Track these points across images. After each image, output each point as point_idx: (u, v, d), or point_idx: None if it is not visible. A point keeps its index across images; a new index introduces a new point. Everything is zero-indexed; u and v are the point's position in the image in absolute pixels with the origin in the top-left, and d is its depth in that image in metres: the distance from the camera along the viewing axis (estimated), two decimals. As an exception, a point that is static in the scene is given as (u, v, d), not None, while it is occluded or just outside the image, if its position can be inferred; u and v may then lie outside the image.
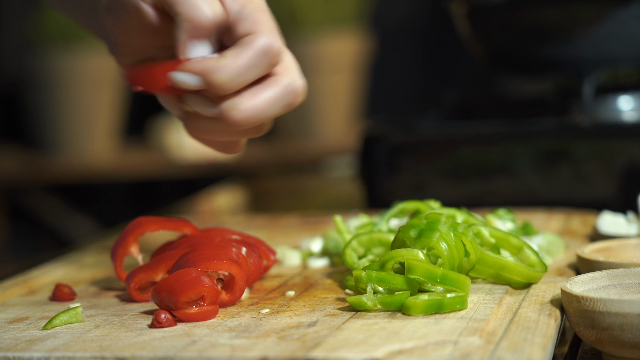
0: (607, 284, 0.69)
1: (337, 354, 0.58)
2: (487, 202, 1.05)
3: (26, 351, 0.63)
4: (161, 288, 0.70)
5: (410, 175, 1.11)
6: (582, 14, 1.10)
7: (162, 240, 0.89)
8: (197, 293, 0.69)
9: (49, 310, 0.74)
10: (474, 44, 1.20)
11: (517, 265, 0.73)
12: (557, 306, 0.68)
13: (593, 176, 1.05)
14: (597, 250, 0.78)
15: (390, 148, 1.12)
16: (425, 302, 0.67)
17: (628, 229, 0.87)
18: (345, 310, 0.69)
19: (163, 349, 0.62)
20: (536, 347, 0.59)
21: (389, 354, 0.58)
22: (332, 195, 1.64)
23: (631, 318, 0.61)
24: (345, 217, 0.95)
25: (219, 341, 0.63)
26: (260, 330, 0.65)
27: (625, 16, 1.10)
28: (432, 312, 0.67)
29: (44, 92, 2.66)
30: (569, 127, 1.08)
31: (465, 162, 1.10)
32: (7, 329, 0.69)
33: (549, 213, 1.01)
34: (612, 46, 1.11)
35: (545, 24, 1.12)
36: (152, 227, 0.78)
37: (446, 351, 0.58)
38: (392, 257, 0.71)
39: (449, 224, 0.73)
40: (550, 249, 0.83)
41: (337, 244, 0.86)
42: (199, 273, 0.70)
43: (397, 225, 0.84)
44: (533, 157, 1.07)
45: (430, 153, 1.11)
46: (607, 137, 1.05)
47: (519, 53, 1.16)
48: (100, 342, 0.64)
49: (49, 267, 0.89)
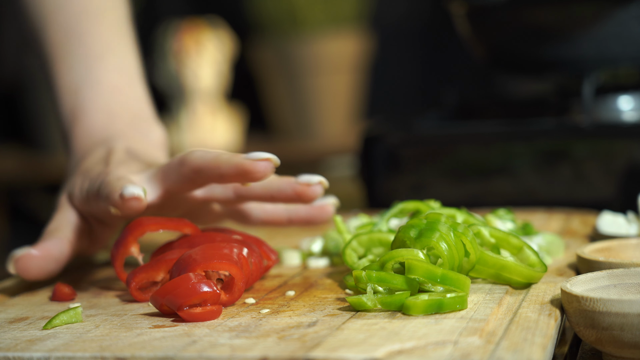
0: (607, 284, 0.69)
1: (337, 354, 0.58)
2: (487, 202, 1.05)
3: (26, 351, 0.63)
4: (161, 294, 0.70)
5: (410, 175, 1.11)
6: (582, 14, 1.10)
7: (162, 240, 0.89)
8: (198, 299, 0.69)
9: (49, 310, 0.74)
10: (474, 44, 1.20)
11: (517, 265, 0.73)
12: (557, 306, 0.68)
13: (593, 176, 1.05)
14: (597, 250, 0.78)
15: (390, 148, 1.12)
16: (425, 302, 0.67)
17: (628, 229, 0.87)
18: (345, 310, 0.69)
19: (163, 349, 0.62)
20: (536, 347, 0.59)
21: (389, 354, 0.58)
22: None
23: (631, 318, 0.61)
24: (345, 217, 0.95)
25: (219, 341, 0.63)
26: (260, 330, 0.65)
27: (625, 16, 1.10)
28: (432, 312, 0.67)
29: (44, 92, 2.65)
30: (569, 127, 1.08)
31: (465, 162, 1.10)
32: (7, 329, 0.69)
33: (549, 213, 1.01)
34: (612, 46, 1.11)
35: (545, 24, 1.12)
36: (152, 227, 0.78)
37: (446, 351, 0.58)
38: (392, 257, 0.71)
39: (449, 224, 0.73)
40: (550, 249, 0.83)
41: (337, 244, 0.86)
42: (199, 279, 0.70)
43: (397, 225, 0.84)
44: (533, 157, 1.07)
45: (430, 153, 1.11)
46: (607, 137, 1.05)
47: (519, 53, 1.16)
48: (100, 342, 0.64)
49: (49, 267, 0.89)
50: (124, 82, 0.93)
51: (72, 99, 0.92)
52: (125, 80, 0.94)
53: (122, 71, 0.94)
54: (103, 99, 0.92)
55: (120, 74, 0.94)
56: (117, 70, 0.93)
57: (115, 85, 0.93)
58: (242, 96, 2.82)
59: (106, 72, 0.93)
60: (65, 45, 0.93)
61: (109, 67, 0.93)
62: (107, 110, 0.91)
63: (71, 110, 0.92)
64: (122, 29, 0.96)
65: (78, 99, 0.92)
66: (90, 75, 0.92)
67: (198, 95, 2.59)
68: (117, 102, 0.92)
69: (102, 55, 0.93)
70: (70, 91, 0.92)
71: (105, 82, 0.92)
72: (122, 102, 0.92)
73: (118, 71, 0.93)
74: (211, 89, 2.63)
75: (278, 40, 2.68)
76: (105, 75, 0.93)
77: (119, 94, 0.93)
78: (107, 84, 0.92)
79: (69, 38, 0.93)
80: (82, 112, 0.91)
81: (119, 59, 0.94)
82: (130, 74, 0.94)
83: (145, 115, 0.93)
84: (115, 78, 0.93)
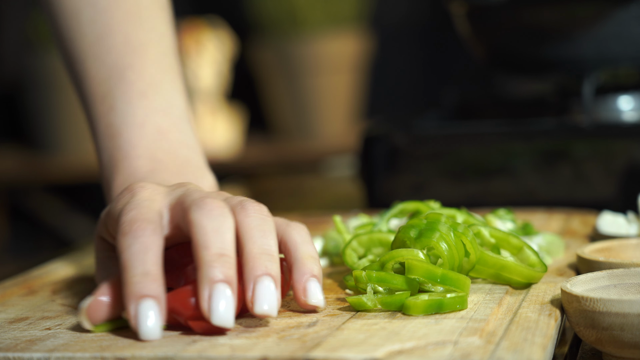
0: (607, 284, 0.69)
1: (337, 354, 0.58)
2: (487, 202, 1.05)
3: (26, 351, 0.63)
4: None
5: (410, 175, 1.11)
6: (582, 14, 1.10)
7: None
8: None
9: (49, 310, 0.74)
10: (474, 44, 1.20)
11: (517, 265, 0.73)
12: (557, 306, 0.68)
13: (593, 176, 1.05)
14: (597, 250, 0.78)
15: (390, 148, 1.12)
16: (425, 302, 0.67)
17: (628, 229, 0.87)
18: (345, 310, 0.69)
19: (163, 349, 0.62)
20: (536, 347, 0.59)
21: (389, 354, 0.58)
22: (332, 195, 1.64)
23: (631, 318, 0.61)
24: (345, 217, 0.95)
25: (219, 341, 0.63)
26: (260, 330, 0.65)
27: (625, 16, 1.10)
28: (433, 312, 0.67)
29: (44, 92, 2.66)
30: (569, 127, 1.08)
31: (465, 162, 1.10)
32: (7, 329, 0.69)
33: (549, 213, 1.01)
34: (612, 46, 1.11)
35: (545, 24, 1.12)
36: None
37: (446, 351, 0.58)
38: (392, 257, 0.71)
39: (449, 224, 0.73)
40: (550, 249, 0.83)
41: (337, 244, 0.86)
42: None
43: (397, 225, 0.84)
44: (533, 157, 1.07)
45: (430, 153, 1.11)
46: (607, 137, 1.05)
47: (519, 53, 1.16)
48: (100, 342, 0.64)
49: (49, 267, 0.89)
50: (169, 125, 0.83)
51: (112, 143, 0.82)
52: (171, 122, 0.83)
53: (168, 112, 0.84)
54: (146, 143, 0.82)
55: (165, 116, 0.83)
56: (162, 111, 0.83)
57: (159, 128, 0.83)
58: (242, 96, 2.82)
59: (150, 113, 0.83)
60: (105, 81, 0.84)
61: (153, 107, 0.83)
62: (150, 157, 0.81)
63: (111, 156, 0.82)
64: (168, 63, 0.86)
65: (119, 142, 0.82)
66: (133, 117, 0.82)
67: (198, 95, 2.59)
68: (161, 148, 0.82)
69: (145, 94, 0.83)
70: (111, 134, 0.83)
71: (149, 124, 0.82)
72: (167, 148, 0.82)
73: (163, 112, 0.83)
74: (211, 89, 2.63)
75: (278, 40, 2.68)
76: (149, 116, 0.83)
77: (163, 139, 0.82)
78: (151, 126, 0.82)
79: (109, 74, 0.84)
80: (123, 159, 0.81)
81: (164, 98, 0.84)
82: (176, 116, 0.84)
83: (194, 163, 0.83)
84: (159, 120, 0.83)
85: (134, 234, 0.66)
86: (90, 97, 0.85)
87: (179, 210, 0.68)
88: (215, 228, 0.65)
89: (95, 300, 0.67)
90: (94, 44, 0.84)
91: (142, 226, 0.66)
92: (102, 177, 0.83)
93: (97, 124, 0.84)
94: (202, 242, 0.65)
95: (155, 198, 0.69)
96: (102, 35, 0.85)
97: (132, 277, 0.64)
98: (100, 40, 0.84)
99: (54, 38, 0.88)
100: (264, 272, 0.65)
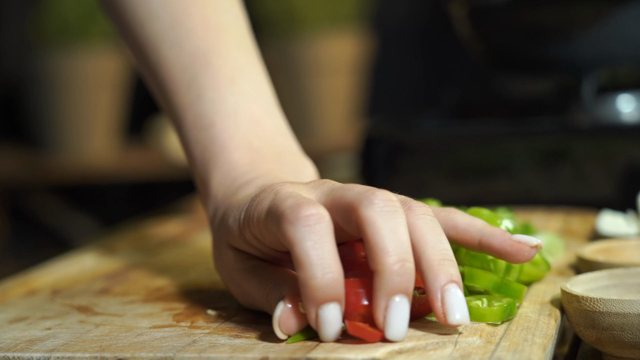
0: (607, 284, 0.69)
1: (337, 354, 0.58)
2: (487, 202, 1.05)
3: (26, 351, 0.63)
4: None
5: (410, 175, 1.11)
6: (582, 14, 1.10)
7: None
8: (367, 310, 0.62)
9: (49, 310, 0.74)
10: (474, 44, 1.20)
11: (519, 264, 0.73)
12: (557, 306, 0.68)
13: (593, 176, 1.05)
14: (597, 250, 0.78)
15: (390, 148, 1.12)
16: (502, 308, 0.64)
17: (628, 229, 0.87)
18: (345, 310, 0.69)
19: (163, 349, 0.62)
20: (536, 347, 0.59)
21: (389, 354, 0.58)
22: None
23: (631, 318, 0.61)
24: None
25: (219, 341, 0.63)
26: (261, 330, 0.65)
27: (625, 16, 1.10)
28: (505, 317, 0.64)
29: (44, 92, 2.66)
30: (569, 127, 1.08)
31: (465, 162, 1.10)
32: (7, 329, 0.69)
33: (549, 213, 1.01)
34: (612, 46, 1.11)
35: (545, 24, 1.12)
36: None
37: (446, 351, 0.58)
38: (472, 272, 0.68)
39: None
40: (550, 248, 0.83)
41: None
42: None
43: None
44: (533, 157, 1.07)
45: (430, 153, 1.11)
46: (607, 137, 1.05)
47: (519, 53, 1.16)
48: (100, 342, 0.64)
49: (49, 267, 0.89)
50: (262, 112, 0.77)
51: (205, 134, 0.76)
52: (263, 109, 0.77)
53: (257, 99, 0.78)
54: (242, 133, 0.75)
55: (255, 102, 0.77)
56: (253, 98, 0.77)
57: (252, 116, 0.76)
58: (242, 96, 2.82)
59: (241, 100, 0.77)
60: (188, 68, 0.77)
61: (243, 94, 0.77)
62: (248, 147, 0.75)
63: (205, 149, 0.75)
64: (248, 46, 0.81)
65: (213, 133, 0.75)
66: (225, 105, 0.76)
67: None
68: (258, 136, 0.76)
69: (233, 80, 0.77)
70: (202, 125, 0.76)
71: (241, 112, 0.76)
72: (263, 137, 0.76)
73: (253, 99, 0.77)
74: (211, 89, 2.63)
75: (278, 40, 2.68)
76: (240, 104, 0.76)
77: (258, 127, 0.76)
78: (244, 115, 0.76)
79: (191, 60, 0.77)
80: (220, 152, 0.75)
81: (252, 84, 0.78)
82: (266, 102, 0.78)
83: (292, 150, 0.77)
84: (252, 107, 0.77)
85: (304, 222, 0.59)
86: (171, 85, 0.77)
87: (338, 206, 0.62)
88: (393, 229, 0.59)
89: (285, 308, 0.61)
90: (169, 29, 0.78)
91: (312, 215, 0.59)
92: (195, 171, 0.76)
93: (184, 115, 0.77)
94: (381, 245, 0.59)
95: (303, 194, 0.63)
96: (178, 18, 0.78)
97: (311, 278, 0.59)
98: (176, 24, 0.78)
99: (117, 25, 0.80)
100: (449, 280, 0.61)
